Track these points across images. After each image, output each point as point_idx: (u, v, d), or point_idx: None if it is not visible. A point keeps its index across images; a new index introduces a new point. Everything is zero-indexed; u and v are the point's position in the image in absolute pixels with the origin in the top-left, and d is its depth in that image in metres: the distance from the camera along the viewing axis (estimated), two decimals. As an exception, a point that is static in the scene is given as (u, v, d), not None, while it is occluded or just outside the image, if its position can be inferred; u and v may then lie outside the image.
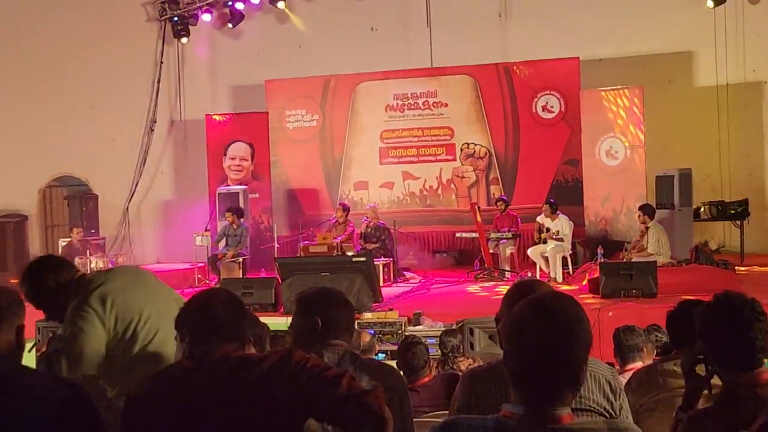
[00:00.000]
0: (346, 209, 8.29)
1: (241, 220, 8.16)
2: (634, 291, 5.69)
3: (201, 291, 1.58)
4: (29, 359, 1.67)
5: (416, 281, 7.82)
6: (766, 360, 1.41)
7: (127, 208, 10.14)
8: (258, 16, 10.02)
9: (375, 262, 6.88)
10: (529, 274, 7.38)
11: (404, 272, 8.23)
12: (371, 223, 8.24)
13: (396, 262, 8.07)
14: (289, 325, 1.84)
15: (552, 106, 9.03)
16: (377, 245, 8.12)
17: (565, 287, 6.77)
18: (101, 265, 7.93)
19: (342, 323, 1.79)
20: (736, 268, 6.72)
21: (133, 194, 10.15)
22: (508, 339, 1.15)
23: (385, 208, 9.49)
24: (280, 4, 9.61)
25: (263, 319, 2.43)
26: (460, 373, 2.59)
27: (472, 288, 7.22)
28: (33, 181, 9.91)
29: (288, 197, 9.88)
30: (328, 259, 6.85)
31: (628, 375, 2.20)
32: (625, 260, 6.68)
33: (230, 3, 9.69)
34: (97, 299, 1.86)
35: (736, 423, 1.29)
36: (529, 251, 7.57)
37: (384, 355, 4.85)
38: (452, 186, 9.49)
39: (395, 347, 4.14)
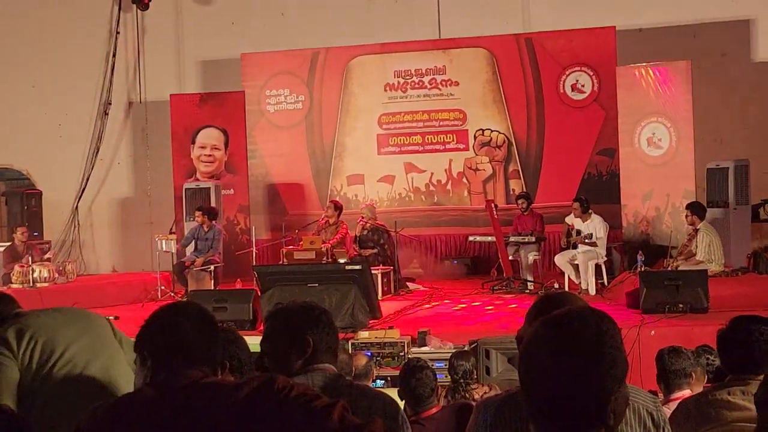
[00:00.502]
0: (337, 208, 8.32)
1: (213, 222, 8.17)
2: (680, 305, 5.65)
3: (165, 305, 1.55)
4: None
5: (422, 294, 7.90)
6: None
7: (77, 207, 10.09)
8: (232, -22, 10.13)
9: (372, 271, 6.90)
10: (556, 285, 7.40)
11: (407, 283, 8.28)
12: (368, 225, 8.26)
13: (397, 271, 8.13)
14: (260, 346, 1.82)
15: (583, 85, 9.07)
16: (375, 251, 8.16)
17: (598, 301, 6.80)
18: (45, 275, 7.93)
19: (326, 344, 1.77)
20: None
21: (83, 190, 10.11)
22: (521, 364, 1.13)
23: (384, 207, 9.52)
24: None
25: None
26: (473, 403, 2.63)
27: (488, 302, 7.27)
28: (-37, 174, 10.00)
29: (269, 194, 9.92)
30: (316, 268, 6.88)
31: (673, 405, 2.19)
32: (670, 269, 6.69)
33: (199, -39, 9.83)
34: (13, 333, 1.91)
35: None
36: (556, 258, 7.60)
37: (383, 381, 4.89)
38: (464, 180, 9.53)
39: (397, 372, 4.22)
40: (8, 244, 8.41)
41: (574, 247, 7.47)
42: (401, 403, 2.94)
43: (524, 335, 1.71)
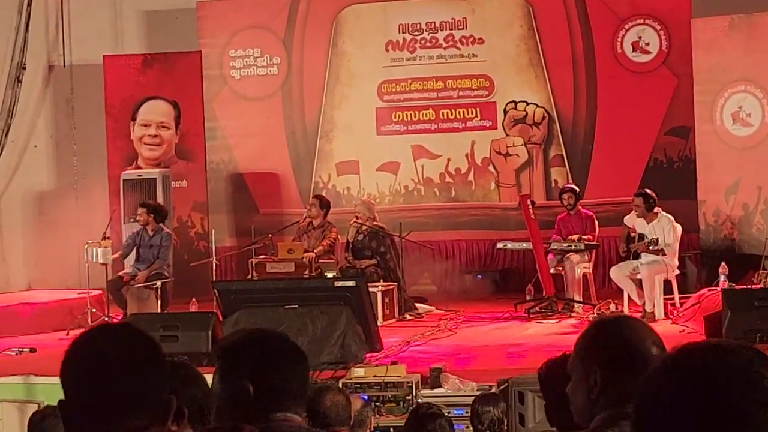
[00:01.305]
0: (324, 206, 8.34)
1: (161, 224, 8.22)
2: (776, 334, 5.81)
3: (89, 330, 1.49)
4: None
5: (435, 318, 7.85)
6: None
7: (-20, 204, 10.23)
8: None
9: (370, 289, 6.93)
10: (612, 307, 7.43)
11: (416, 304, 8.30)
12: (364, 228, 8.27)
13: (403, 289, 8.13)
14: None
15: (648, 44, 9.05)
16: (373, 262, 8.16)
17: (667, 327, 6.78)
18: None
19: (291, 386, 1.74)
20: None
21: (-11, 182, 10.23)
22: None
23: (385, 204, 9.54)
24: None
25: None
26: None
27: (523, 329, 7.29)
28: None
29: (233, 187, 9.95)
30: (296, 284, 6.90)
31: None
32: (762, 285, 6.74)
33: None
34: None
35: None
36: (613, 271, 7.61)
37: (385, 434, 4.92)
38: (491, 169, 9.53)
39: (402, 422, 4.23)
40: None
41: (636, 256, 7.47)
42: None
43: (572, 371, 1.71)
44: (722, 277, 6.86)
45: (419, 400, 4.99)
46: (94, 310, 7.83)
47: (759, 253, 7.50)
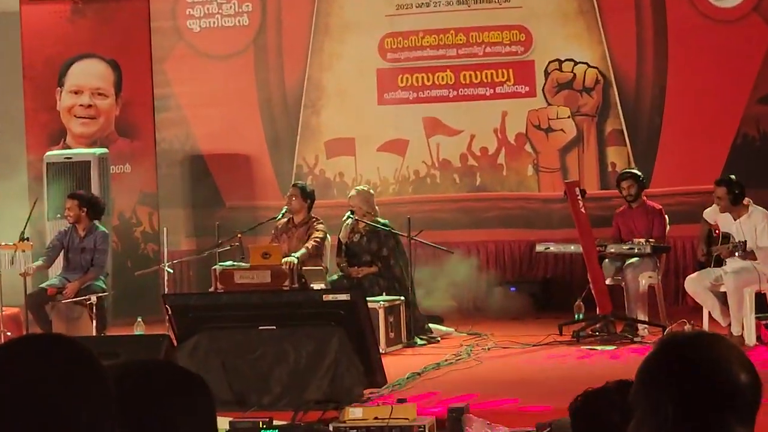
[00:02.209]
0: (308, 196, 8.36)
1: (96, 221, 8.23)
2: None
3: (8, 344, 1.47)
4: None
5: (455, 343, 7.92)
6: None
7: None
8: None
9: (369, 305, 6.92)
10: (688, 326, 7.41)
11: (430, 325, 8.32)
12: (362, 225, 8.29)
13: (413, 305, 8.13)
14: None
15: (734, -15, 9.16)
16: (374, 269, 8.18)
17: (760, 354, 6.75)
18: None
19: None
20: None
21: None
22: None
23: (390, 194, 9.59)
24: None
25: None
26: None
27: (570, 358, 7.26)
28: None
29: (192, 173, 10.04)
30: (273, 298, 6.90)
31: None
32: None
33: None
34: None
35: None
36: (688, 282, 7.62)
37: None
38: (528, 148, 9.57)
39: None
40: None
41: (719, 263, 7.46)
42: None
43: (637, 409, 1.70)
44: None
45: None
46: (9, 333, 7.82)
47: None
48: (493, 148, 9.58)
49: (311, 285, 7.68)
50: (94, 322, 7.79)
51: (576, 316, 7.97)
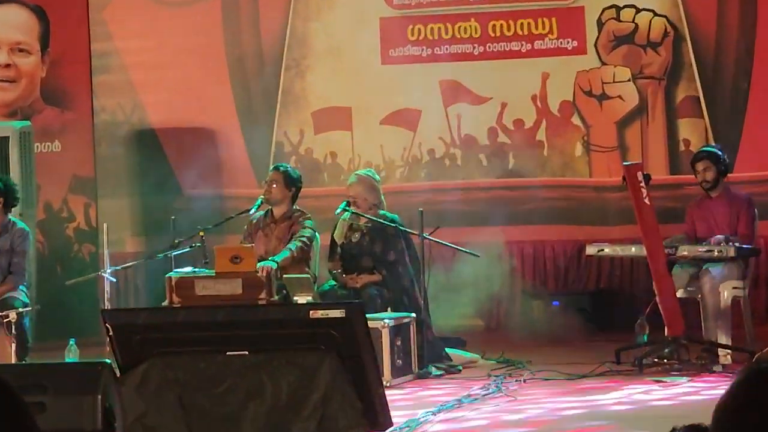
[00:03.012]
0: (291, 182, 8.39)
1: (9, 216, 8.18)
2: None
3: None
4: None
5: (482, 374, 7.92)
6: None
7: None
8: None
9: (371, 324, 6.87)
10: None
11: (448, 351, 8.32)
12: (362, 221, 8.30)
13: (426, 323, 8.13)
14: None
15: None
16: (377, 277, 8.20)
17: None
18: None
19: None
20: None
21: None
22: None
23: (395, 181, 9.68)
24: None
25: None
26: None
27: (630, 391, 7.29)
28: None
29: (140, 152, 10.11)
30: (245, 315, 6.85)
31: None
32: None
33: None
34: None
35: None
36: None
37: None
38: (575, 120, 9.65)
39: None
40: None
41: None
42: None
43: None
44: None
45: None
46: None
47: None
48: (531, 121, 9.62)
49: (295, 298, 7.66)
50: (13, 345, 7.74)
51: (638, 338, 7.99)
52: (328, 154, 9.80)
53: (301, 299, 7.59)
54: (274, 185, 8.26)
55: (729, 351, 7.73)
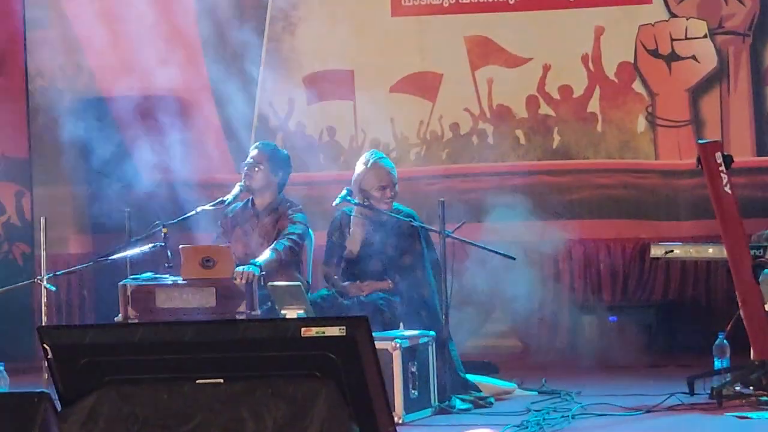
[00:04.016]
0: (277, 166, 8.39)
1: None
2: None
3: None
4: None
5: (519, 407, 7.91)
6: None
7: None
8: None
9: (379, 345, 6.75)
10: None
11: (474, 381, 8.31)
12: (369, 213, 8.25)
13: (449, 342, 8.11)
14: None
15: None
16: (387, 284, 8.20)
17: None
18: None
19: None
20: None
21: None
22: None
23: (409, 164, 9.76)
24: None
25: None
26: None
27: (709, 431, 7.31)
28: None
29: (87, 128, 10.01)
30: (220, 333, 6.75)
31: None
32: None
33: None
34: None
35: None
36: None
37: None
38: (637, 88, 9.70)
39: None
40: None
41: None
42: None
43: None
44: None
45: None
46: None
47: None
48: (581, 88, 9.69)
49: (282, 311, 7.65)
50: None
51: (716, 363, 8.01)
52: (324, 129, 9.86)
53: (291, 313, 7.57)
54: (256, 169, 8.24)
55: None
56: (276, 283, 7.84)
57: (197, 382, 6.22)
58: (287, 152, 8.50)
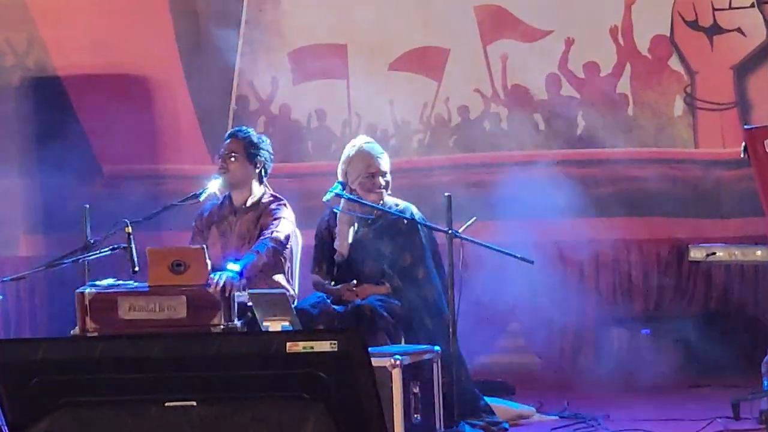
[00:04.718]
0: (256, 156, 8.40)
1: None
2: None
3: None
4: None
5: None
6: None
7: None
8: None
9: (376, 362, 6.79)
10: None
11: (489, 402, 8.32)
12: (363, 211, 8.32)
13: (457, 359, 8.11)
14: None
15: None
16: (383, 288, 8.24)
17: None
18: None
19: None
20: None
21: None
22: None
23: (410, 152, 9.80)
24: None
25: None
26: None
27: None
28: None
29: (38, 111, 10.18)
30: (192, 348, 6.78)
31: None
32: None
33: None
34: None
35: None
36: None
37: None
38: (674, 65, 9.72)
39: None
40: None
41: None
42: None
43: None
44: None
45: None
46: None
47: None
48: (609, 65, 9.73)
49: (264, 324, 7.65)
50: None
51: (765, 382, 8.01)
52: (313, 113, 9.89)
53: (274, 325, 7.57)
54: (232, 159, 8.26)
55: None
56: (257, 290, 7.87)
57: (166, 405, 6.24)
58: (269, 140, 8.52)
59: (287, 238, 8.16)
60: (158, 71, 10.08)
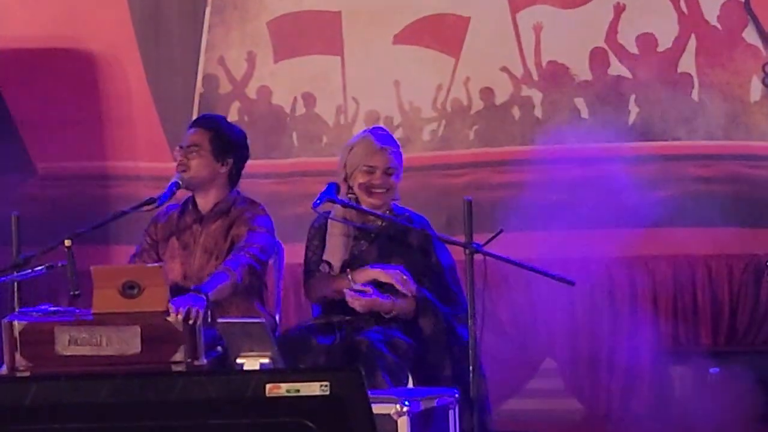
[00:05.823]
0: (225, 150, 8.43)
1: None
2: None
3: None
4: None
5: None
6: None
7: None
8: None
9: (377, 409, 6.82)
10: None
11: None
12: (366, 219, 8.37)
13: (479, 402, 8.12)
14: None
15: None
16: (387, 302, 8.20)
17: None
18: None
19: None
20: None
21: None
22: None
23: (420, 147, 9.91)
24: None
25: None
26: None
27: None
28: None
29: None
30: (147, 393, 6.85)
31: None
32: None
33: None
34: None
35: None
36: None
37: None
38: (749, 38, 9.76)
39: None
40: None
41: None
42: None
43: None
44: None
45: None
46: None
47: None
48: (670, 38, 9.77)
49: (239, 360, 7.66)
50: None
51: None
52: (299, 97, 9.96)
53: (251, 362, 7.59)
54: (194, 154, 8.28)
55: None
56: (229, 319, 7.90)
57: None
58: (243, 130, 8.53)
59: (265, 252, 8.16)
60: (106, 44, 10.14)
